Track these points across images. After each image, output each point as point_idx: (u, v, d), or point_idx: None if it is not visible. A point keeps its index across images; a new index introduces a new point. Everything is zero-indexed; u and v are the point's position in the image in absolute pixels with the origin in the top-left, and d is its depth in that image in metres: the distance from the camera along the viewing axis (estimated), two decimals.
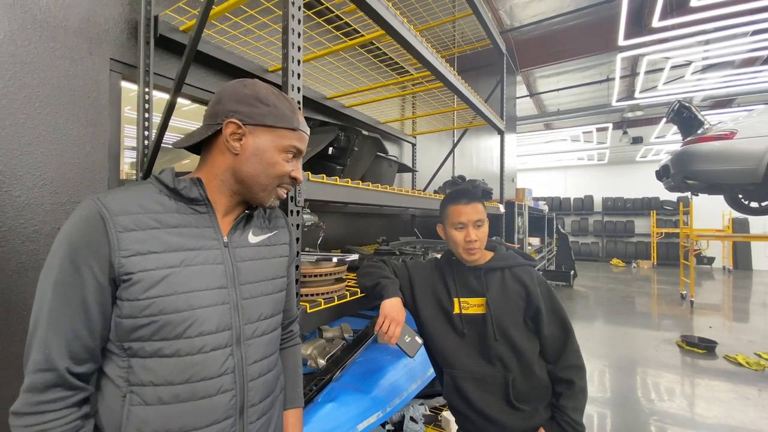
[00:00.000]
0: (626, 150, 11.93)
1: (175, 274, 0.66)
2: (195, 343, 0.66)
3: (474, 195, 1.26)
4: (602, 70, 7.71)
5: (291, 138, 0.76)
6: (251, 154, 0.73)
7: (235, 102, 0.72)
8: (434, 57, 1.79)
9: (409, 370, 1.51)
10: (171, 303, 0.64)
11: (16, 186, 1.25)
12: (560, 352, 1.20)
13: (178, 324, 0.65)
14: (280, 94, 0.77)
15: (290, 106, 0.77)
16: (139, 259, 0.63)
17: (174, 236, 0.68)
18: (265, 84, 0.77)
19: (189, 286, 0.67)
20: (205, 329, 0.67)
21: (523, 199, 4.59)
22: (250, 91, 0.73)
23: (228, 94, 0.73)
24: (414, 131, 3.65)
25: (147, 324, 0.63)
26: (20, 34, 1.25)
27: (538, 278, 1.25)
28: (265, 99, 0.74)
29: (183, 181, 0.72)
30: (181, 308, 0.65)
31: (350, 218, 2.86)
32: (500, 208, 3.14)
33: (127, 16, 1.53)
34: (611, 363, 3.99)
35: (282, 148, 0.75)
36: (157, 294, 0.64)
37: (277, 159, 0.75)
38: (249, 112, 0.72)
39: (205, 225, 0.73)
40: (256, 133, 0.73)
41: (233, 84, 0.75)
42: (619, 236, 13.45)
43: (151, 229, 0.66)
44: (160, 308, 0.64)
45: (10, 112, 1.23)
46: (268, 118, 0.73)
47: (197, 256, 0.69)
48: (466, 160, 5.59)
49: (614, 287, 8.46)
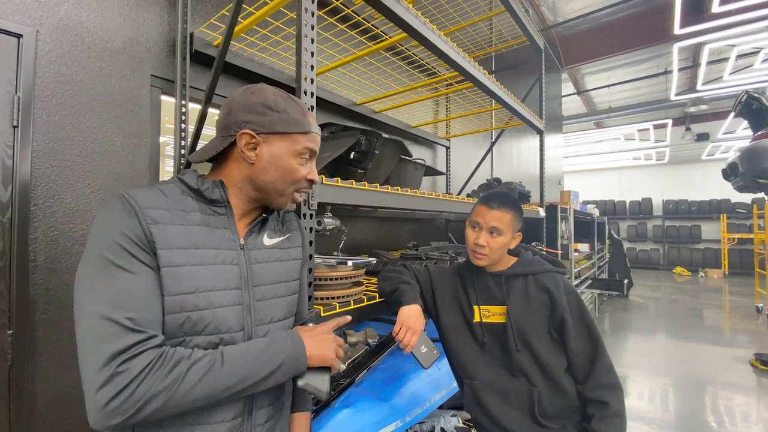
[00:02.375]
0: (690, 148, 10.93)
1: (197, 272, 0.66)
2: (212, 341, 0.67)
3: (507, 202, 1.18)
4: (658, 62, 7.14)
5: (304, 141, 0.76)
6: (267, 162, 0.73)
7: (246, 111, 0.72)
8: (461, 56, 1.74)
9: (433, 379, 1.46)
10: (192, 301, 0.65)
11: (67, 193, 1.37)
12: (589, 368, 1.09)
13: (198, 321, 0.65)
14: (289, 98, 0.77)
15: (300, 110, 0.76)
16: (167, 254, 0.64)
17: (197, 235, 0.69)
18: (272, 89, 0.77)
19: (209, 284, 0.67)
20: (223, 328, 0.68)
21: (569, 203, 4.33)
22: (259, 99, 0.73)
23: (238, 104, 0.74)
24: (448, 134, 3.58)
25: (168, 322, 0.64)
26: (71, 56, 1.38)
27: (565, 286, 1.15)
28: (274, 105, 0.73)
29: (206, 182, 0.74)
30: (202, 306, 0.66)
31: (380, 223, 2.85)
32: (540, 212, 2.98)
33: (166, 35, 1.64)
34: (674, 382, 3.62)
35: (296, 152, 0.75)
36: (180, 291, 0.64)
37: (293, 164, 0.75)
38: (260, 121, 0.72)
39: (224, 226, 0.74)
40: (270, 141, 0.73)
41: (241, 93, 0.75)
42: (683, 242, 12.28)
43: (177, 225, 0.67)
44: (181, 306, 0.64)
45: (62, 127, 1.36)
46: (279, 125, 0.73)
47: (217, 256, 0.70)
48: (505, 162, 5.39)
49: (677, 298, 7.71)
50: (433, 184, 3.58)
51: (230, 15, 1.33)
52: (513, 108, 2.39)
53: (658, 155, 12.01)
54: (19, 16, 1.26)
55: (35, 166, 1.29)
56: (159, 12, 1.62)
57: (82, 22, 1.41)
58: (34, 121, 1.29)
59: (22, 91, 1.26)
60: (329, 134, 1.57)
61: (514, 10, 2.41)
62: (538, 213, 2.95)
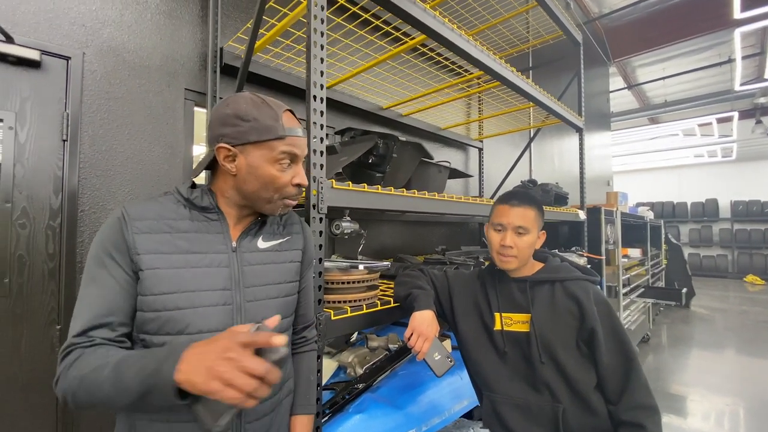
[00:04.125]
0: (761, 143, 9.81)
1: (179, 274, 0.71)
2: (195, 339, 0.69)
3: (528, 199, 1.13)
4: (720, 50, 6.51)
5: (280, 146, 0.75)
6: (246, 173, 0.75)
7: (220, 125, 0.74)
8: (484, 54, 1.69)
9: (455, 388, 1.41)
10: (173, 300, 0.69)
11: (110, 200, 1.49)
12: (622, 387, 0.99)
13: (179, 320, 0.69)
14: (263, 103, 0.76)
15: (273, 114, 0.75)
16: (149, 258, 0.69)
17: (183, 240, 0.73)
18: (246, 96, 0.77)
19: (191, 285, 0.71)
20: (204, 327, 0.71)
21: (615, 204, 4.04)
22: (231, 111, 0.74)
23: (215, 118, 0.76)
24: (481, 135, 3.49)
25: (153, 319, 0.69)
26: (113, 74, 1.50)
27: (597, 295, 1.06)
28: (244, 115, 0.73)
29: (195, 191, 0.78)
30: (182, 306, 0.70)
31: (409, 227, 2.83)
32: (580, 215, 2.81)
33: (198, 50, 1.74)
34: (744, 403, 3.24)
35: (273, 159, 0.75)
36: (161, 291, 0.69)
37: (272, 172, 0.76)
38: (233, 133, 0.73)
39: (216, 231, 0.78)
40: (246, 151, 0.74)
41: (217, 106, 0.78)
42: (756, 248, 11.00)
43: (163, 233, 0.72)
44: (163, 305, 0.69)
45: (105, 140, 1.48)
46: (251, 134, 0.73)
47: (203, 259, 0.74)
48: (546, 162, 5.16)
49: (748, 309, 6.92)
50: (465, 188, 3.50)
51: (251, 27, 1.39)
52: (546, 105, 2.28)
53: (723, 152, 10.89)
54: (68, 41, 1.39)
55: (82, 176, 1.42)
56: (192, 30, 1.72)
57: (124, 42, 1.53)
58: (81, 135, 1.41)
59: (70, 108, 1.39)
60: (349, 139, 1.58)
61: (547, 4, 2.31)
62: (578, 216, 2.78)
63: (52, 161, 1.36)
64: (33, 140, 1.32)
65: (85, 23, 1.44)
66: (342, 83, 2.11)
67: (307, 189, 1.02)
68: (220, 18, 1.75)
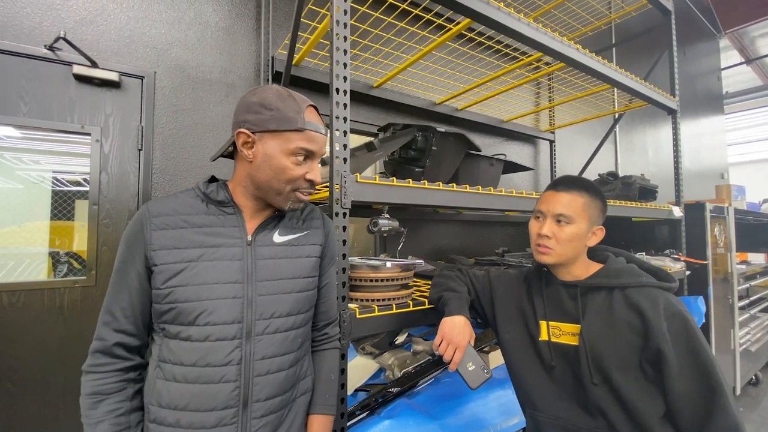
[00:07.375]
0: None
1: (191, 268, 0.73)
2: (204, 330, 0.71)
3: (578, 184, 0.97)
4: None
5: (297, 140, 0.76)
6: (261, 160, 0.76)
7: (245, 111, 0.76)
8: (540, 31, 1.52)
9: (503, 402, 1.27)
10: (184, 293, 0.72)
11: None
12: (702, 423, 0.78)
13: (189, 312, 0.72)
14: (289, 96, 0.78)
15: (296, 107, 0.76)
16: (164, 253, 0.73)
17: (197, 234, 0.76)
18: (276, 88, 0.79)
19: (202, 278, 0.73)
20: (212, 319, 0.72)
21: (728, 200, 3.38)
22: (257, 99, 0.76)
23: (240, 105, 0.79)
24: (552, 125, 3.18)
25: (168, 310, 0.73)
26: (180, 89, 1.67)
27: (668, 307, 0.85)
28: (269, 104, 0.75)
29: (212, 185, 0.81)
30: (192, 298, 0.72)
31: (468, 227, 2.68)
32: (674, 212, 2.39)
33: (253, 61, 1.86)
34: None
35: (289, 151, 0.76)
36: (174, 284, 0.72)
37: (286, 163, 0.76)
38: (255, 120, 0.75)
39: (232, 225, 0.79)
40: (264, 139, 0.76)
41: (246, 94, 0.80)
42: None
43: (179, 228, 0.76)
44: (175, 297, 0.72)
45: (173, 148, 1.64)
46: (271, 123, 0.75)
47: (215, 253, 0.76)
48: (636, 154, 4.54)
49: None
50: (535, 184, 3.22)
51: (290, 34, 1.43)
52: (623, 84, 1.98)
53: None
54: (141, 62, 1.58)
55: (154, 181, 1.59)
56: (247, 43, 1.84)
57: (188, 60, 1.69)
58: (153, 144, 1.59)
59: (144, 121, 1.57)
60: (390, 134, 1.54)
61: None
62: (671, 213, 2.37)
63: (130, 169, 1.55)
64: (115, 151, 1.52)
65: (156, 45, 1.62)
66: (390, 81, 2.08)
67: (330, 183, 1.00)
68: (271, 29, 1.85)
